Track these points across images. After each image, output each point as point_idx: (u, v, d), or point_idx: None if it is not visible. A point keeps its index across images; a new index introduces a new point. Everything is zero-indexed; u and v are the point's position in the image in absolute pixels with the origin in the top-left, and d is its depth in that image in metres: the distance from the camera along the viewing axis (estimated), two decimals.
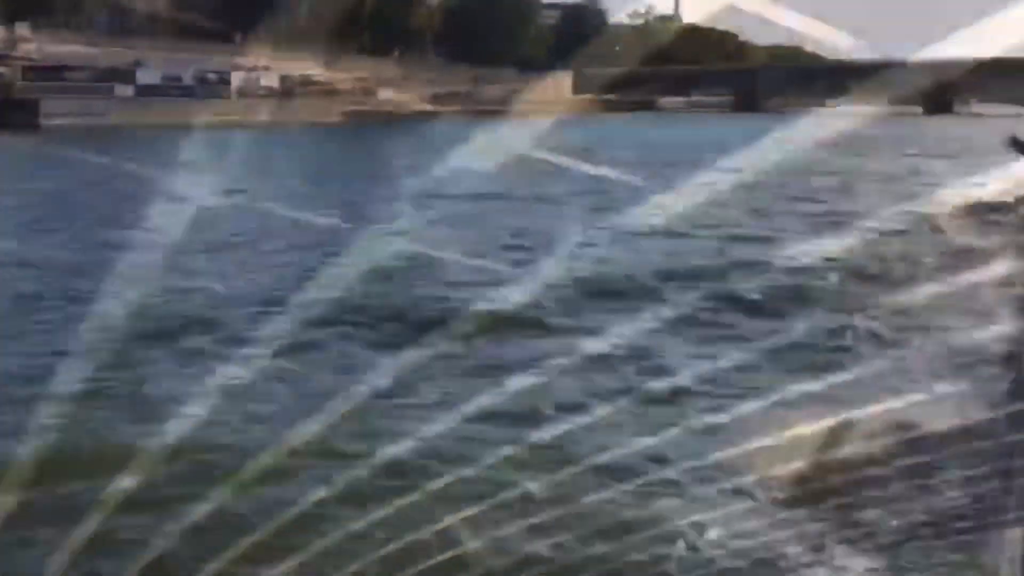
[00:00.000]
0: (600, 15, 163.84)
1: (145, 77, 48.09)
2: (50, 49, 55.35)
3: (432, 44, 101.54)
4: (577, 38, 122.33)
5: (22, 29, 55.73)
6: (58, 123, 41.55)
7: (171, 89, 49.45)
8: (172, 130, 42.47)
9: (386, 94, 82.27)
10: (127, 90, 47.03)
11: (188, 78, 50.57)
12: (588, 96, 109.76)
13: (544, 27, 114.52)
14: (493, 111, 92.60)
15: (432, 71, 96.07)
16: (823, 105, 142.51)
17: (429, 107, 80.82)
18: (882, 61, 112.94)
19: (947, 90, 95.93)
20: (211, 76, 52.88)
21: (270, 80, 55.92)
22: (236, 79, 53.39)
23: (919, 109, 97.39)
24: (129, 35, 73.48)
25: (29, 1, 63.52)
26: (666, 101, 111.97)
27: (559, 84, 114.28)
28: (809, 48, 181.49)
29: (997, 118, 79.73)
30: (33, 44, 53.75)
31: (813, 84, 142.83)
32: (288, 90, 56.93)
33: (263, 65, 58.68)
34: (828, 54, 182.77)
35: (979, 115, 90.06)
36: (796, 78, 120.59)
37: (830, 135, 26.47)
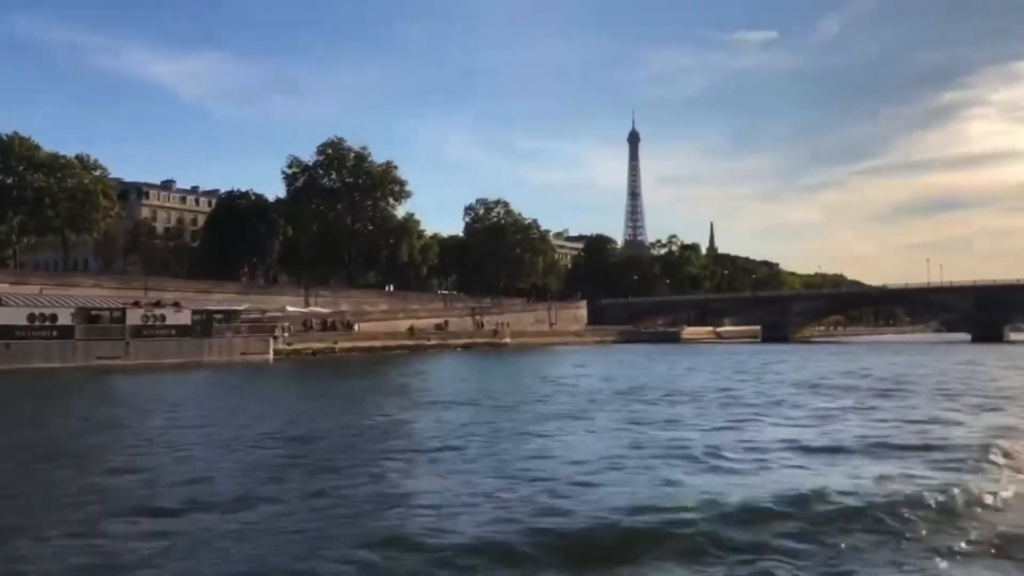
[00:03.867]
0: (630, 246, 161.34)
1: (4, 317, 42.98)
2: None
3: (430, 276, 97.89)
4: (598, 268, 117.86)
5: None
6: None
7: (41, 330, 44.16)
8: (26, 378, 36.35)
9: (367, 327, 77.25)
10: None
11: (66, 317, 45.26)
12: (604, 327, 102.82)
13: (557, 258, 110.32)
14: (487, 344, 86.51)
15: (427, 303, 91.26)
16: (865, 333, 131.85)
17: (406, 341, 74.95)
18: (928, 286, 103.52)
19: (996, 315, 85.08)
20: (102, 314, 47.60)
21: (180, 317, 50.38)
22: (132, 317, 47.89)
23: (967, 336, 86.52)
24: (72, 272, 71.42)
25: None
26: (690, 331, 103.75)
27: (575, 314, 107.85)
28: (852, 275, 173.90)
29: None
30: None
31: (851, 312, 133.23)
32: (205, 326, 51.19)
33: (172, 300, 53.63)
34: (873, 280, 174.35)
35: None
36: (831, 306, 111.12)
37: None
